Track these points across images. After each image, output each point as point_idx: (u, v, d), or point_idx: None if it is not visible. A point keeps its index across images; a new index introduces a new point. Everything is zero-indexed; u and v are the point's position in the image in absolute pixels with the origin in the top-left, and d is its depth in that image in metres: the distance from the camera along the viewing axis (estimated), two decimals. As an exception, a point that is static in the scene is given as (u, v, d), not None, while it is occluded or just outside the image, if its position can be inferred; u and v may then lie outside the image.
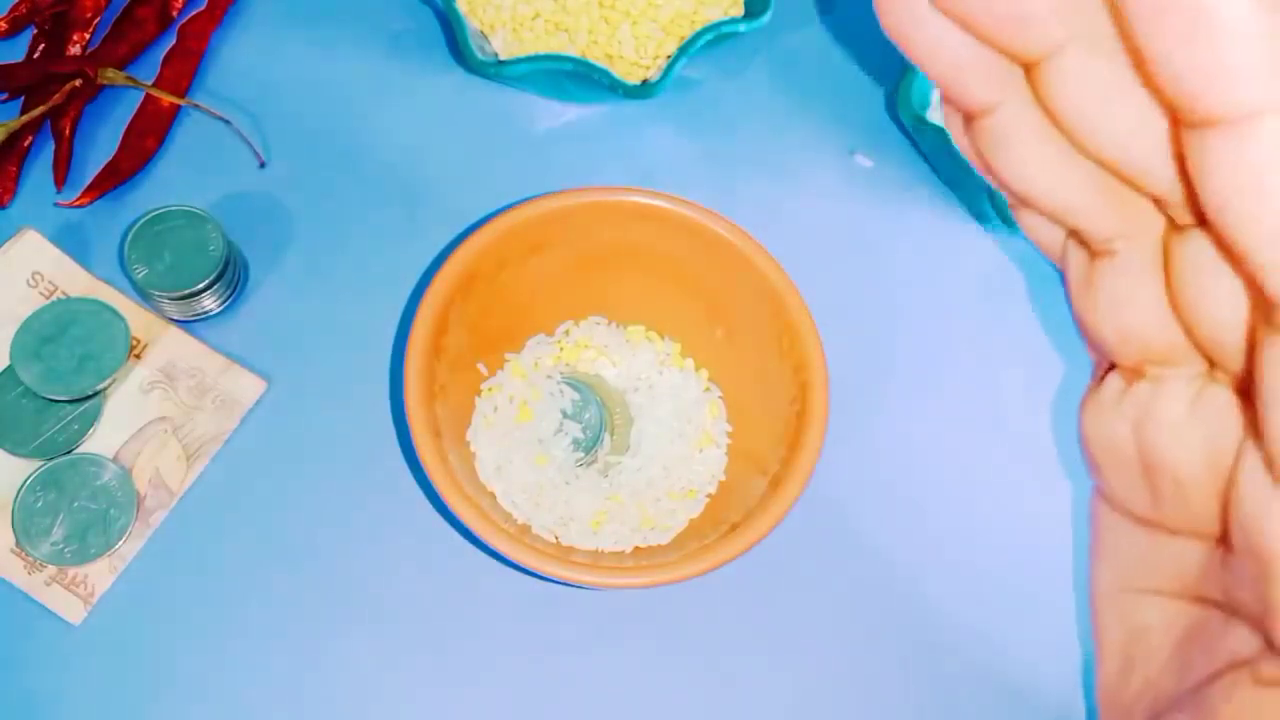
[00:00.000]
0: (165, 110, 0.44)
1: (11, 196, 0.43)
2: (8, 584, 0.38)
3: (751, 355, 0.39)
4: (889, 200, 0.46)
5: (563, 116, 0.46)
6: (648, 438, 0.40)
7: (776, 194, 0.46)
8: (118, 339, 0.39)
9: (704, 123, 0.47)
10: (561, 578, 0.34)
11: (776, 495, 0.35)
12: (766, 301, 0.38)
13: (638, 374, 0.42)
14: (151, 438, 0.40)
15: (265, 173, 0.44)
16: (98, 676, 0.38)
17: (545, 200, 0.38)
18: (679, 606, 0.40)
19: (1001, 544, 0.42)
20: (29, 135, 0.43)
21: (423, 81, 0.46)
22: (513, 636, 0.39)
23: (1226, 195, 0.13)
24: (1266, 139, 0.12)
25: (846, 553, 0.41)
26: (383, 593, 0.39)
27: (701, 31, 0.42)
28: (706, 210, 0.38)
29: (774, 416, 0.38)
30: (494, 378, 0.41)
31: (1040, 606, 0.41)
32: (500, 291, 0.39)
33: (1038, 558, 0.41)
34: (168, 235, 0.40)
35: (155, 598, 0.39)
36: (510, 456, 0.39)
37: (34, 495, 0.38)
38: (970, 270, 0.45)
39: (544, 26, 0.44)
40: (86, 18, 0.45)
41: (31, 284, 0.41)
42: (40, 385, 0.38)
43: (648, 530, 0.39)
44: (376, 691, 0.39)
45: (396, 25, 0.47)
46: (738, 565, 0.35)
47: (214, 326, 0.42)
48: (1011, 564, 0.41)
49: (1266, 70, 0.12)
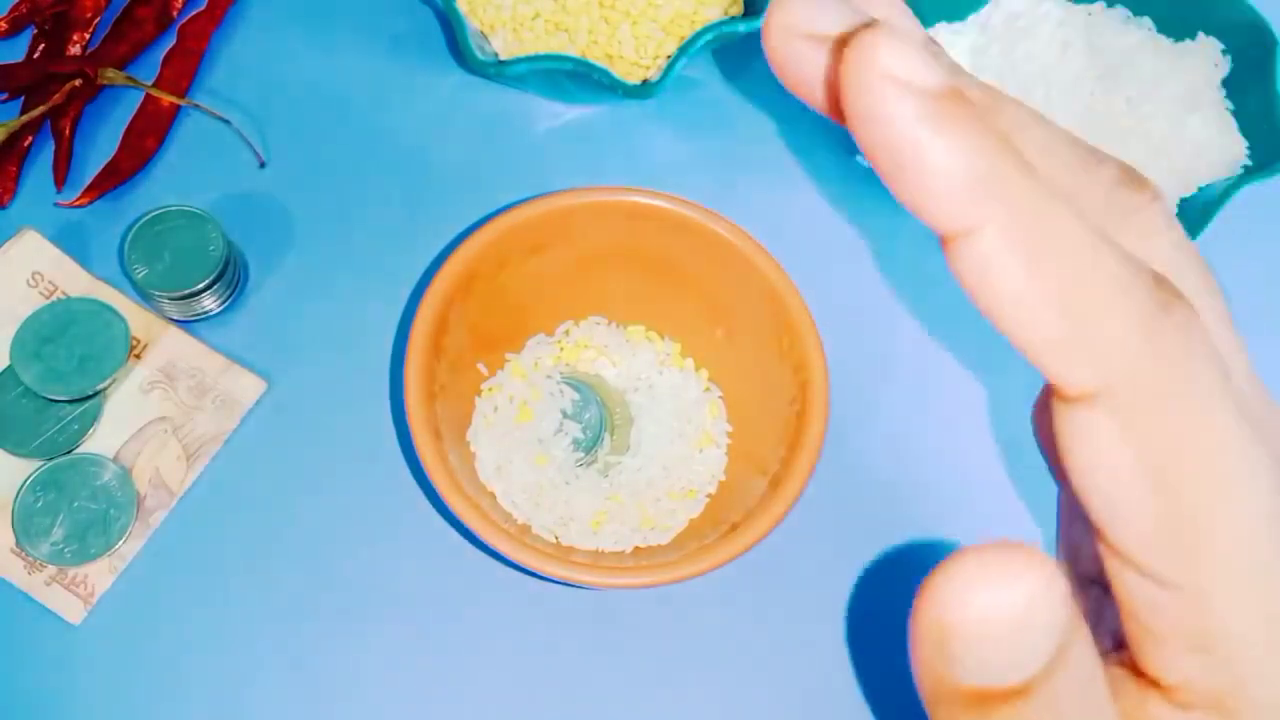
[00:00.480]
0: (165, 110, 0.44)
1: (11, 196, 0.43)
2: (8, 584, 0.38)
3: (751, 355, 0.39)
4: (889, 200, 0.46)
5: (563, 116, 0.46)
6: (648, 438, 0.40)
7: (776, 194, 0.46)
8: (118, 339, 0.39)
9: (704, 123, 0.47)
10: (561, 578, 0.34)
11: (776, 495, 0.35)
12: (766, 301, 0.38)
13: (638, 374, 0.42)
14: (151, 438, 0.40)
15: (265, 173, 0.44)
16: (98, 676, 0.38)
17: (545, 200, 0.38)
18: (679, 606, 0.40)
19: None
20: (29, 135, 0.43)
21: (423, 81, 0.46)
22: (513, 636, 0.39)
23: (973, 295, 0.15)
24: (985, 243, 0.14)
25: (846, 553, 0.41)
26: (383, 593, 0.39)
27: (701, 31, 0.42)
28: (706, 210, 0.38)
29: (774, 416, 0.38)
30: (494, 378, 0.41)
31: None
32: (500, 291, 0.39)
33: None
34: (168, 235, 0.40)
35: (155, 598, 0.39)
36: (510, 456, 0.39)
37: (34, 495, 0.38)
38: (970, 270, 0.45)
39: (544, 26, 0.44)
40: (86, 18, 0.45)
41: (31, 284, 0.41)
42: (40, 385, 0.38)
43: (648, 530, 0.39)
44: (376, 691, 0.39)
45: (396, 25, 0.47)
46: (738, 565, 0.35)
47: (214, 326, 0.42)
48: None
49: (966, 194, 0.13)
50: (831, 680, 0.40)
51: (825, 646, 0.40)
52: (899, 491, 0.42)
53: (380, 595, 0.39)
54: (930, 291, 0.45)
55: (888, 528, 0.42)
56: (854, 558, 0.41)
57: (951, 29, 0.45)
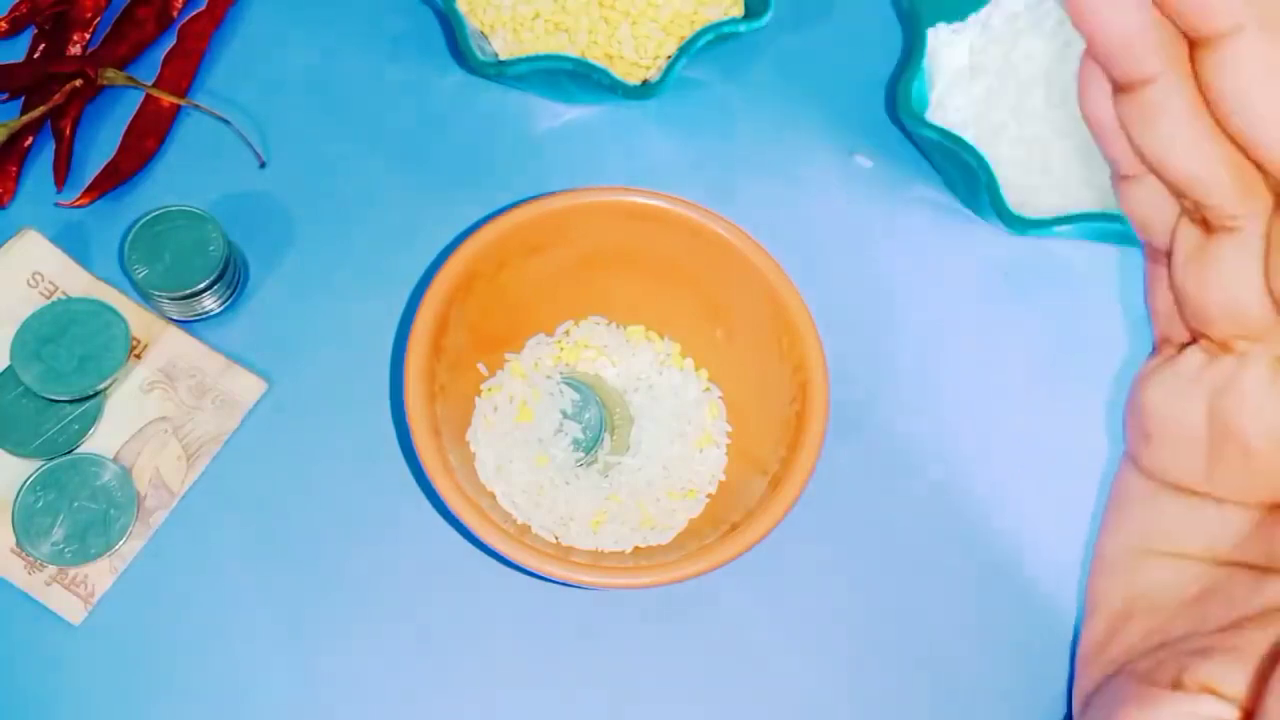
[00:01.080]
0: (165, 110, 0.44)
1: (11, 196, 0.43)
2: (8, 584, 0.38)
3: (751, 355, 0.39)
4: (889, 200, 0.46)
5: (563, 116, 0.46)
6: (648, 438, 0.41)
7: (776, 194, 0.46)
8: (118, 339, 0.39)
9: (704, 123, 0.47)
10: (561, 578, 0.34)
11: (776, 495, 0.35)
12: (766, 301, 0.38)
13: (638, 374, 0.42)
14: (151, 438, 0.40)
15: (265, 173, 0.44)
16: (98, 676, 0.38)
17: (545, 200, 0.38)
18: (679, 606, 0.40)
19: (1001, 544, 0.42)
20: (29, 135, 0.43)
21: (423, 81, 0.46)
22: (513, 636, 0.39)
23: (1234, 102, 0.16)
24: (1244, 52, 0.15)
25: (846, 553, 0.41)
26: (383, 593, 0.40)
27: (701, 31, 0.42)
28: (706, 210, 0.38)
29: (774, 416, 0.38)
30: (494, 378, 0.41)
31: (1041, 605, 0.41)
32: (500, 291, 0.39)
33: (1038, 557, 0.41)
34: (168, 235, 0.40)
35: (155, 598, 0.39)
36: (510, 457, 0.39)
37: (34, 495, 0.38)
38: (970, 270, 0.45)
39: (544, 26, 0.44)
40: (86, 18, 0.45)
41: (31, 284, 0.41)
42: (40, 385, 0.39)
43: (648, 530, 0.39)
44: (376, 691, 0.39)
45: (396, 25, 0.47)
46: (738, 565, 0.35)
47: (214, 326, 0.42)
48: (1012, 563, 0.41)
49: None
50: (831, 680, 0.40)
51: (825, 646, 0.40)
52: (899, 491, 0.42)
53: (380, 595, 0.39)
54: (930, 291, 0.45)
55: (888, 528, 0.42)
56: (854, 558, 0.41)
57: (951, 29, 0.45)
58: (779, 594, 0.40)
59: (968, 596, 0.41)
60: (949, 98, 0.44)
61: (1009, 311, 0.45)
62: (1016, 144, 0.43)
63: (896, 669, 0.40)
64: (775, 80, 0.47)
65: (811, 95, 0.47)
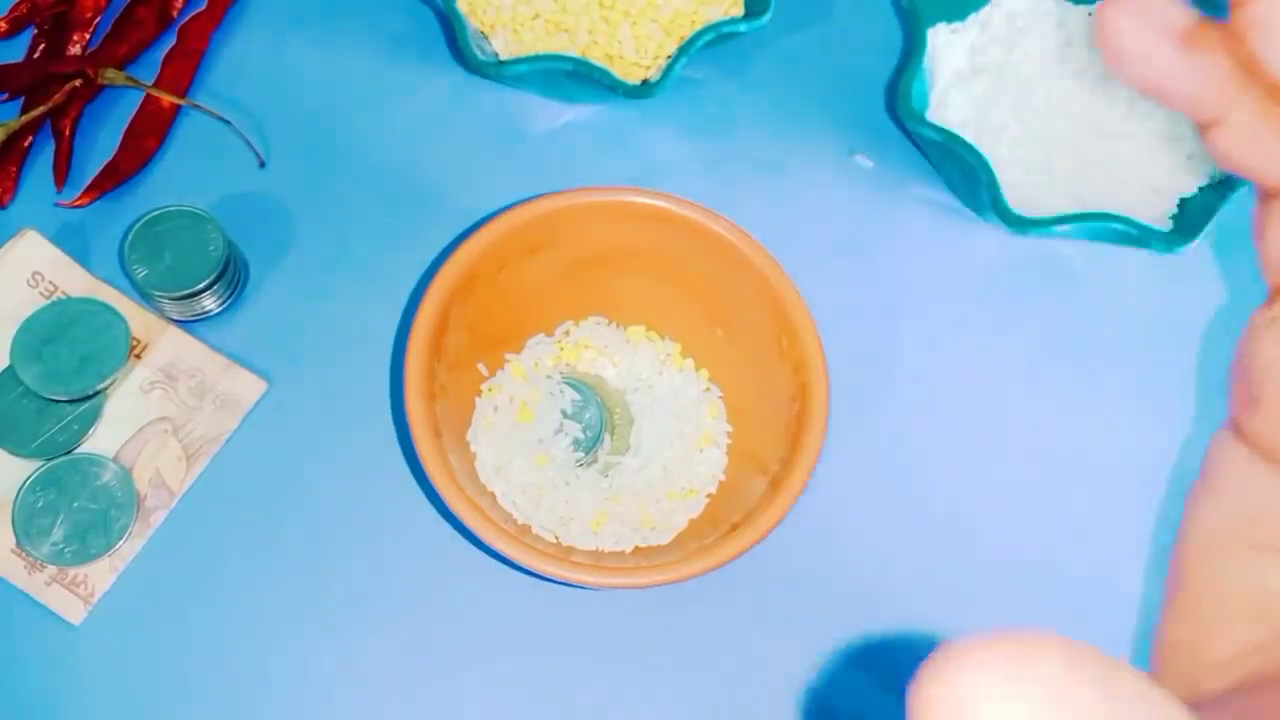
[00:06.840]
0: (165, 110, 0.44)
1: (11, 196, 0.43)
2: (8, 584, 0.38)
3: (751, 355, 0.39)
4: (889, 200, 0.46)
5: (563, 116, 0.46)
6: (648, 438, 0.40)
7: (776, 194, 0.46)
8: (118, 339, 0.39)
9: (704, 123, 0.47)
10: (561, 578, 0.34)
11: (776, 495, 0.35)
12: (766, 301, 0.38)
13: (638, 374, 0.42)
14: (152, 438, 0.40)
15: (265, 173, 0.44)
16: (98, 676, 0.38)
17: (545, 200, 0.38)
18: (679, 606, 0.40)
19: (1001, 543, 0.42)
20: (29, 135, 0.43)
21: (423, 81, 0.46)
22: (513, 636, 0.39)
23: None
24: None
25: (846, 553, 0.41)
26: (383, 593, 0.40)
27: (701, 31, 0.42)
28: (706, 210, 0.38)
29: (774, 416, 0.38)
30: (494, 378, 0.41)
31: (1041, 604, 0.41)
32: (500, 291, 0.39)
33: (1038, 557, 0.41)
34: (168, 235, 0.40)
35: (155, 598, 0.39)
36: (510, 457, 0.39)
37: (34, 495, 0.38)
38: (970, 270, 0.45)
39: (544, 26, 0.44)
40: (86, 18, 0.45)
41: (31, 284, 0.41)
42: (40, 385, 0.39)
43: (648, 530, 0.39)
44: (376, 691, 0.39)
45: (396, 25, 0.47)
46: (738, 565, 0.35)
47: (214, 326, 0.42)
48: (1012, 563, 0.41)
49: None
50: (831, 680, 0.40)
51: (825, 646, 0.40)
52: (899, 491, 0.42)
53: (380, 595, 0.39)
54: (930, 291, 0.45)
55: (888, 527, 0.42)
56: (854, 558, 0.41)
57: (951, 29, 0.45)
58: (779, 594, 0.40)
59: (968, 596, 0.41)
60: (949, 98, 0.44)
61: (1009, 311, 0.45)
62: (1016, 144, 0.44)
63: (897, 669, 0.40)
64: (775, 80, 0.47)
65: (811, 95, 0.47)
